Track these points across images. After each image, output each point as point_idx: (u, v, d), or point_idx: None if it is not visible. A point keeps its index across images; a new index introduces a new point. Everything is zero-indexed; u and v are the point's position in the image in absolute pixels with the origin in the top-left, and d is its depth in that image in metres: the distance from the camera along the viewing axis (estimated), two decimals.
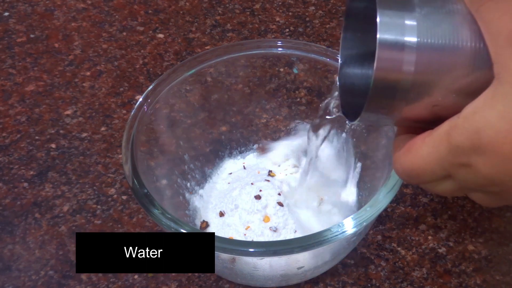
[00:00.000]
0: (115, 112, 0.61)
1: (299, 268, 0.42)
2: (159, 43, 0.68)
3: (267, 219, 0.45)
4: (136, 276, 0.47)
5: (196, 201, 0.50)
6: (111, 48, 0.68)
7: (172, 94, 0.48)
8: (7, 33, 0.70)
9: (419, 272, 0.47)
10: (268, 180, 0.48)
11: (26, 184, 0.54)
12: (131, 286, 0.47)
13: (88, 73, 0.65)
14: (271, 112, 0.53)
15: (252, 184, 0.47)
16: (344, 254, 0.45)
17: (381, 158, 0.46)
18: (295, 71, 0.51)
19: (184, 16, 0.72)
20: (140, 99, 0.46)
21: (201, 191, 0.51)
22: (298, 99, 0.53)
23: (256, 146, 0.55)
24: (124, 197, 0.53)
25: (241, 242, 0.41)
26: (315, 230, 0.38)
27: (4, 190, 0.54)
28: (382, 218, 0.51)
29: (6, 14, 0.72)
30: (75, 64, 0.66)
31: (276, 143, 0.54)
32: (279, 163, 0.53)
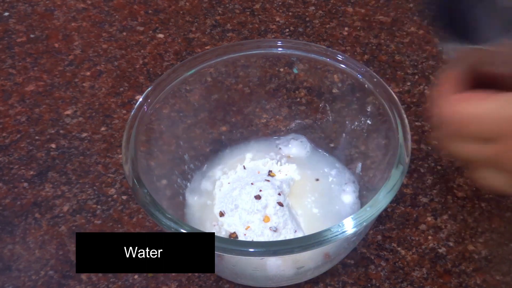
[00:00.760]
0: (115, 112, 0.61)
1: (299, 268, 0.42)
2: (159, 43, 0.68)
3: (267, 219, 0.45)
4: (136, 276, 0.47)
5: None
6: (111, 48, 0.68)
7: (172, 94, 0.48)
8: (7, 33, 0.70)
9: (419, 272, 0.47)
10: (268, 180, 0.48)
11: (26, 184, 0.54)
12: (131, 286, 0.47)
13: (88, 73, 0.65)
14: (271, 112, 0.53)
15: (252, 184, 0.47)
16: (344, 254, 0.45)
17: (381, 158, 0.46)
18: (295, 71, 0.51)
19: (184, 16, 0.72)
20: (140, 99, 0.46)
21: None
22: (298, 99, 0.53)
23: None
24: (124, 197, 0.53)
25: (241, 242, 0.41)
26: (315, 230, 0.38)
27: (4, 190, 0.54)
28: (382, 218, 0.51)
29: (6, 14, 0.72)
30: (75, 64, 0.66)
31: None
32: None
